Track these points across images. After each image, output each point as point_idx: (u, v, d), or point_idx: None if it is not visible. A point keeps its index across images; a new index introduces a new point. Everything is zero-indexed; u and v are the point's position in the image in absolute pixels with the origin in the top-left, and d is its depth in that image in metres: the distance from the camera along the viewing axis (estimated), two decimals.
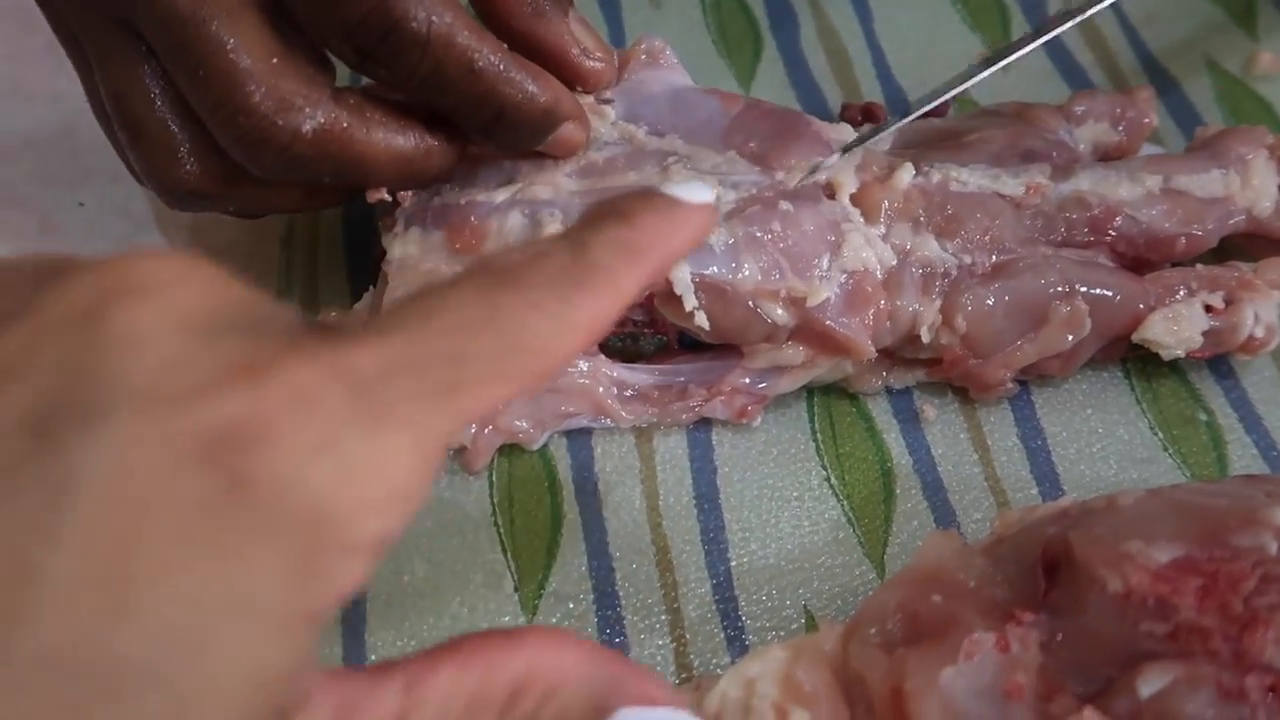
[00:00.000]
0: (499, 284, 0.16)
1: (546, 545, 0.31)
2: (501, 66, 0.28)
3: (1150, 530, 0.23)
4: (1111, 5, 0.43)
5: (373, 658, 0.29)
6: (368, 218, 0.37)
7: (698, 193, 0.20)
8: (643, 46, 0.33)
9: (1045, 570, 0.24)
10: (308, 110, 0.27)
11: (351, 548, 0.15)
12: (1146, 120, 0.36)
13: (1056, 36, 0.43)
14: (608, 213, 0.19)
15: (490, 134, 0.30)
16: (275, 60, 0.27)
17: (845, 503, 0.32)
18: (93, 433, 0.13)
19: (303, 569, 0.14)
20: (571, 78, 0.31)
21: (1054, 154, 0.33)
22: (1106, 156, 0.36)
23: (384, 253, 0.32)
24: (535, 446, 0.32)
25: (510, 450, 0.32)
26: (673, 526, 0.31)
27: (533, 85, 0.28)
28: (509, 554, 0.31)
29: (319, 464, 0.14)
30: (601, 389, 0.31)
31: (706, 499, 0.32)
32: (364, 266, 0.37)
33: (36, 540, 0.13)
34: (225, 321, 0.15)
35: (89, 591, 0.13)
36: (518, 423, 0.31)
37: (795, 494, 0.32)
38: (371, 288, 0.33)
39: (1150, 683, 0.20)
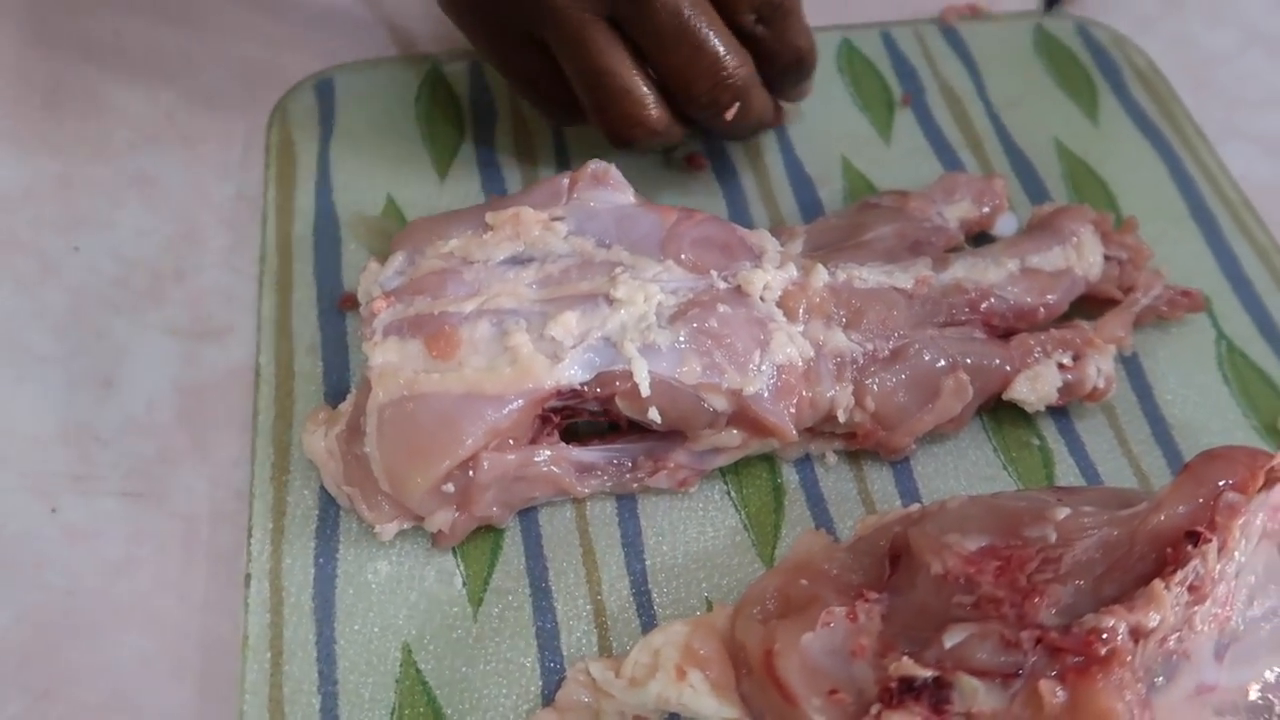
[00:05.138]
0: None
1: (490, 548, 0.37)
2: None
3: (965, 526, 0.29)
4: (978, 91, 0.51)
5: (340, 643, 0.34)
6: (339, 317, 0.42)
7: None
8: (590, 169, 0.38)
9: (891, 559, 0.31)
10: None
11: None
12: (1000, 204, 0.43)
13: (931, 119, 0.50)
14: None
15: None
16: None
17: (742, 512, 0.38)
18: None
19: None
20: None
21: (932, 239, 0.40)
22: (970, 229, 0.43)
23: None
24: (503, 526, 0.36)
25: None
26: (598, 532, 0.37)
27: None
28: (458, 556, 0.36)
29: None
30: (561, 470, 0.36)
31: (627, 509, 0.38)
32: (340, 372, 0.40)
33: None
34: None
35: None
36: (492, 510, 0.35)
37: (701, 505, 0.38)
38: (353, 390, 0.37)
39: (952, 638, 0.26)
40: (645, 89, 0.41)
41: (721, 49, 0.40)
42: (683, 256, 0.38)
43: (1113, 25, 0.55)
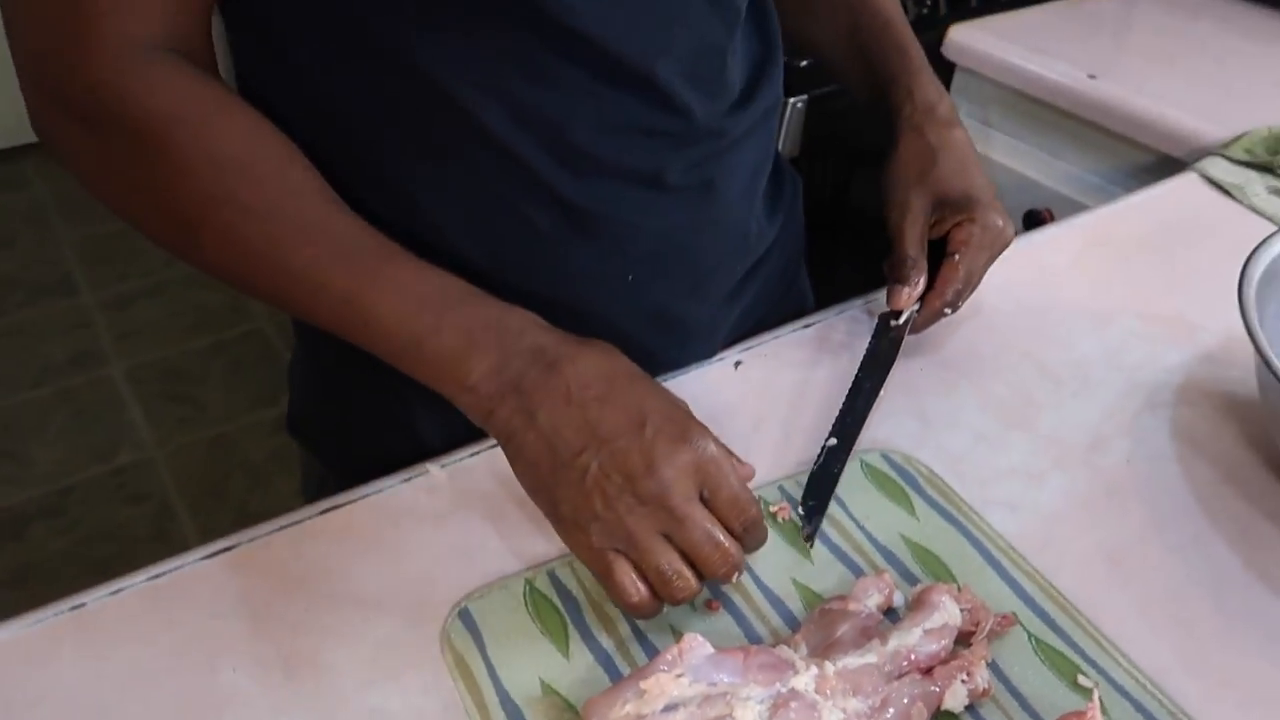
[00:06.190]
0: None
1: None
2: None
3: None
4: (848, 514, 0.85)
5: None
6: None
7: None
8: (686, 640, 0.67)
9: None
10: None
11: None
12: (890, 590, 0.76)
13: (829, 538, 0.83)
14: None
15: (751, 550, 0.73)
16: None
17: None
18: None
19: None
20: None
21: (868, 624, 0.71)
22: (882, 608, 0.75)
23: None
24: None
25: None
26: None
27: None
28: None
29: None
30: None
31: None
32: None
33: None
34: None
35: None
36: None
37: None
38: None
39: None
40: (688, 574, 0.70)
41: (730, 548, 0.71)
42: (758, 678, 0.66)
43: (901, 449, 0.92)
